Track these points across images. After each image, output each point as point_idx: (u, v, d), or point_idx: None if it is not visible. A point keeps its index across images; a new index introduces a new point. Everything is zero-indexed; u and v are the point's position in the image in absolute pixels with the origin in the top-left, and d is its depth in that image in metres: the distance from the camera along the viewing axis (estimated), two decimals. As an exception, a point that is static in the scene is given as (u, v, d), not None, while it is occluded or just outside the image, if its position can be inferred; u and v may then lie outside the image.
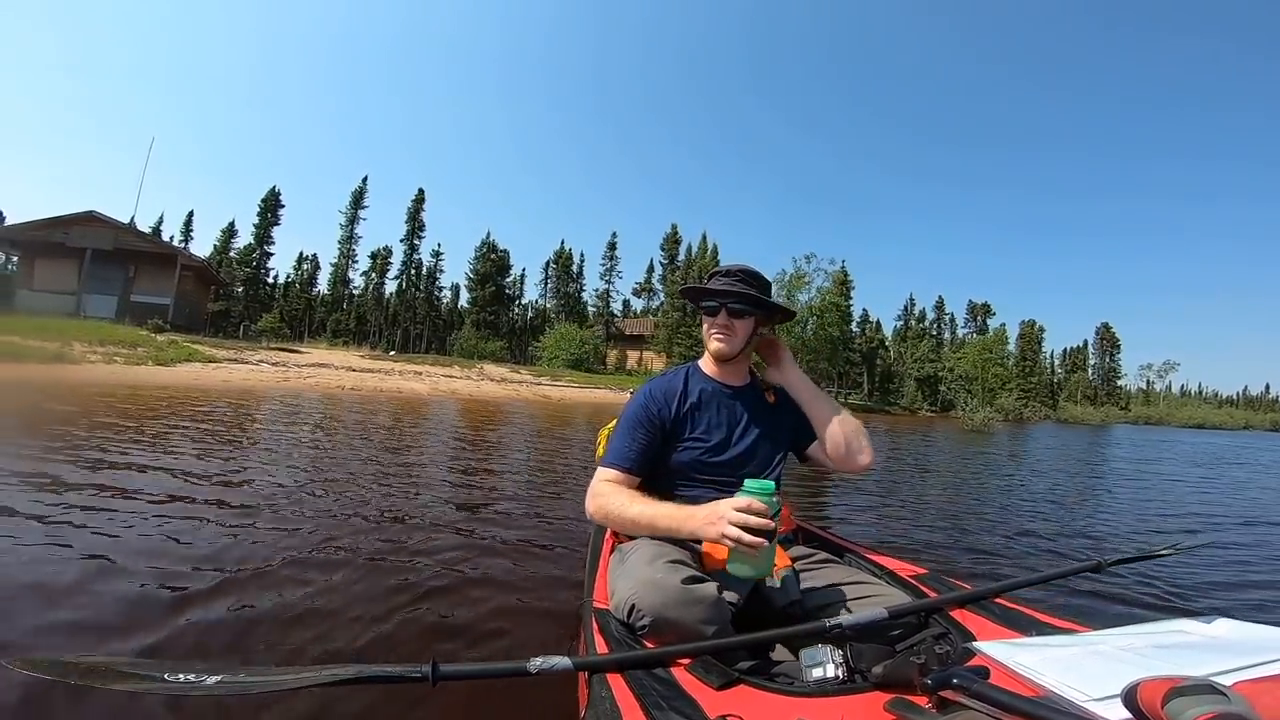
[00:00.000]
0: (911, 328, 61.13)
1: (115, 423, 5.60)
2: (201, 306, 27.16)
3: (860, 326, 54.77)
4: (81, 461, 3.72)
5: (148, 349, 13.82)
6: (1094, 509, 5.46)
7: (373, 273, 46.12)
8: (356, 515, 3.05)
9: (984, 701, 0.70)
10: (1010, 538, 3.93)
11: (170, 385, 10.76)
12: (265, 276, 42.92)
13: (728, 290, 1.39)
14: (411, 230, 44.86)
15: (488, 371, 23.61)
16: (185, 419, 6.45)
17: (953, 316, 64.69)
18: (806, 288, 36.26)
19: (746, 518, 1.04)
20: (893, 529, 3.97)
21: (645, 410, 1.37)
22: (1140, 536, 4.32)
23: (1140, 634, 0.91)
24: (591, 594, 1.23)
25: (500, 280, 44.58)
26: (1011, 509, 5.09)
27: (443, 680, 0.83)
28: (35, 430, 4.90)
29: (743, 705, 0.79)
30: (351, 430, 7.05)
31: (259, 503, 3.12)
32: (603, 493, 1.30)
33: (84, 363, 11.90)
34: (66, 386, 8.84)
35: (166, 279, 21.91)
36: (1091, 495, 6.44)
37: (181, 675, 0.81)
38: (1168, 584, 2.91)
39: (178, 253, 23.89)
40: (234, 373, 13.51)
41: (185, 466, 3.88)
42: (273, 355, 17.86)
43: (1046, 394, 60.47)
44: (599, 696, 0.82)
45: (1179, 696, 0.57)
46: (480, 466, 5.18)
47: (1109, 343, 73.11)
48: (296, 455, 4.81)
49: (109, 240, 20.81)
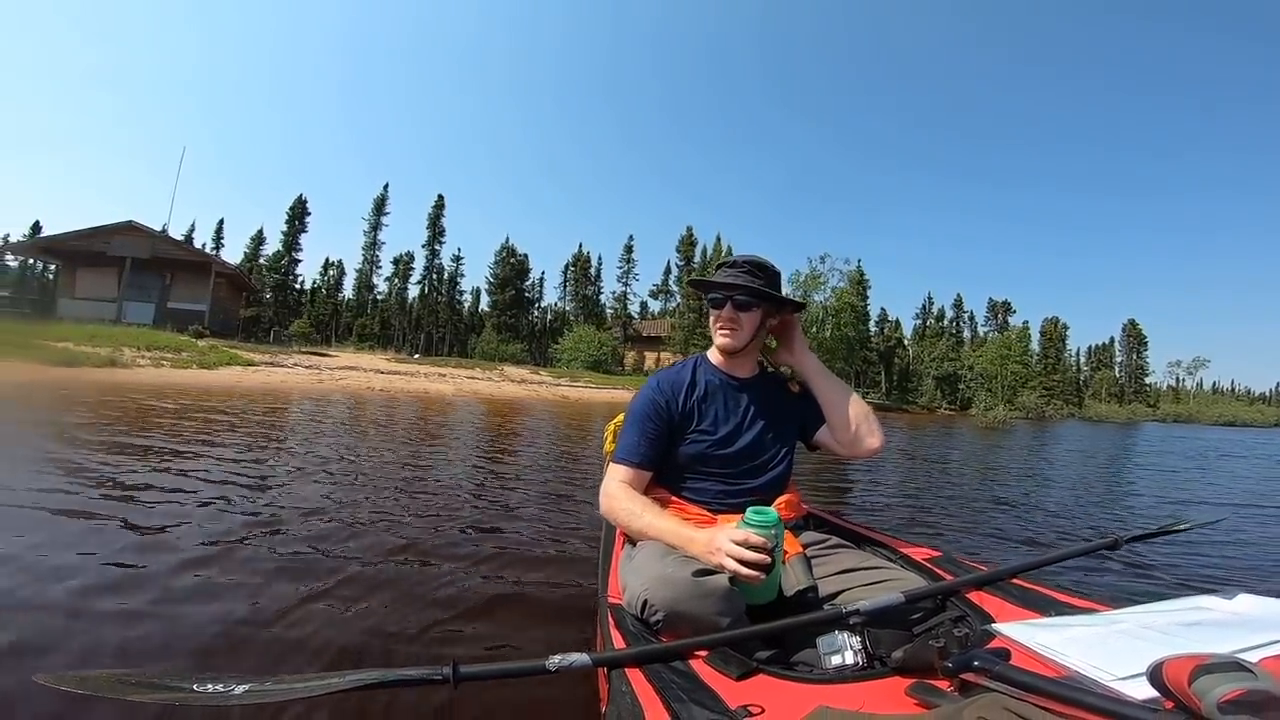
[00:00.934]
0: (930, 326, 60.13)
1: (207, 418, 6.51)
2: (234, 312, 27.84)
3: (879, 325, 54.04)
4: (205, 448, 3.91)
5: (191, 354, 14.30)
6: (1113, 493, 5.37)
7: (396, 278, 46.93)
8: (395, 506, 3.16)
9: (1007, 683, 0.69)
10: (1025, 520, 3.92)
11: (218, 387, 11.20)
12: (294, 283, 43.90)
13: (733, 283, 1.36)
14: (432, 236, 45.49)
15: (508, 373, 23.80)
16: (248, 416, 7.10)
17: (972, 315, 63.55)
18: (822, 288, 35.91)
19: (743, 552, 1.02)
20: (900, 513, 3.98)
21: (653, 404, 1.36)
22: (1158, 514, 4.30)
23: (1162, 612, 0.89)
24: (606, 589, 1.22)
25: (520, 284, 44.97)
26: (1031, 496, 5.03)
27: (463, 681, 0.83)
28: (153, 424, 5.60)
29: (763, 695, 0.78)
30: (386, 427, 7.34)
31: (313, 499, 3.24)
32: (614, 494, 1.29)
33: (134, 367, 12.35)
34: (141, 388, 9.38)
35: (202, 286, 22.51)
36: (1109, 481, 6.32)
37: (210, 686, 0.81)
38: (1187, 561, 2.84)
39: (212, 260, 24.52)
40: (272, 375, 13.91)
41: (235, 454, 4.19)
42: (305, 359, 18.26)
43: (1071, 392, 58.95)
44: (619, 691, 0.82)
45: (1206, 674, 0.57)
46: (499, 462, 5.25)
47: (1136, 340, 70.94)
48: (337, 450, 4.98)
49: (147, 249, 21.42)
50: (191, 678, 0.84)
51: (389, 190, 45.41)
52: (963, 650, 0.76)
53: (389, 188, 45.80)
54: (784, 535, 1.12)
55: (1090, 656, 0.74)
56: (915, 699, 0.75)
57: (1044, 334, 61.16)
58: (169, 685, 0.83)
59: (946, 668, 0.75)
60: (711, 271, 1.44)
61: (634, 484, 1.32)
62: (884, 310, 58.13)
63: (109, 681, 0.83)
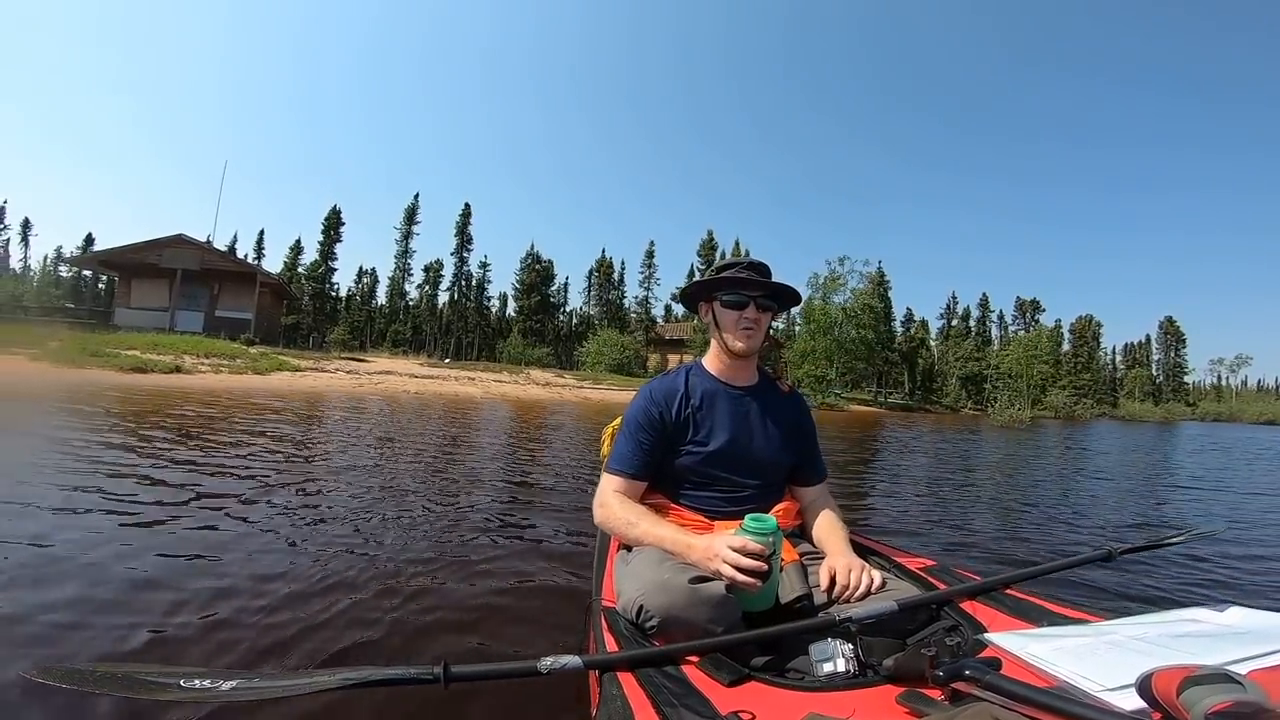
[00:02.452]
0: (954, 327, 58.67)
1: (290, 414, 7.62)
2: (276, 320, 28.85)
3: (905, 326, 53.00)
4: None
5: (244, 360, 15.03)
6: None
7: (426, 285, 47.97)
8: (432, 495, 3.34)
9: (997, 693, 0.68)
10: (1024, 526, 3.85)
11: (275, 389, 11.94)
12: (331, 290, 45.21)
13: (756, 281, 1.30)
14: (460, 244, 46.35)
15: (534, 376, 24.09)
16: (304, 414, 8.00)
17: (1001, 314, 61.68)
18: (841, 289, 35.51)
19: (741, 559, 1.01)
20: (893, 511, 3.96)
21: (646, 413, 1.31)
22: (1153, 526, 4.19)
23: (1153, 623, 0.87)
24: (600, 592, 1.21)
25: (545, 289, 45.46)
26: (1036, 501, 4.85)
27: (454, 681, 0.81)
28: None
29: (754, 701, 0.77)
30: (418, 425, 7.85)
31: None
32: (608, 504, 1.27)
33: (196, 373, 13.03)
34: (214, 392, 10.15)
35: (247, 295, 23.36)
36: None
37: (198, 681, 0.79)
38: (1181, 572, 2.81)
39: (256, 271, 25.47)
40: (318, 379, 14.61)
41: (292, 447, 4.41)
42: (346, 364, 18.91)
43: (1105, 391, 56.77)
44: (610, 694, 0.81)
45: (1194, 685, 0.56)
46: (521, 459, 5.35)
47: (1173, 337, 67.98)
48: (374, 446, 5.23)
49: (196, 261, 22.39)
50: (179, 673, 0.82)
51: (419, 200, 46.38)
52: (954, 659, 0.75)
53: (419, 197, 46.59)
54: (782, 543, 1.11)
55: (1080, 667, 0.72)
56: (906, 707, 0.74)
57: (1075, 331, 59.08)
58: (154, 681, 0.81)
59: (937, 676, 0.74)
60: (716, 273, 1.37)
61: (628, 493, 1.29)
62: (910, 311, 57.13)
63: (93, 676, 0.81)
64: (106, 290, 36.15)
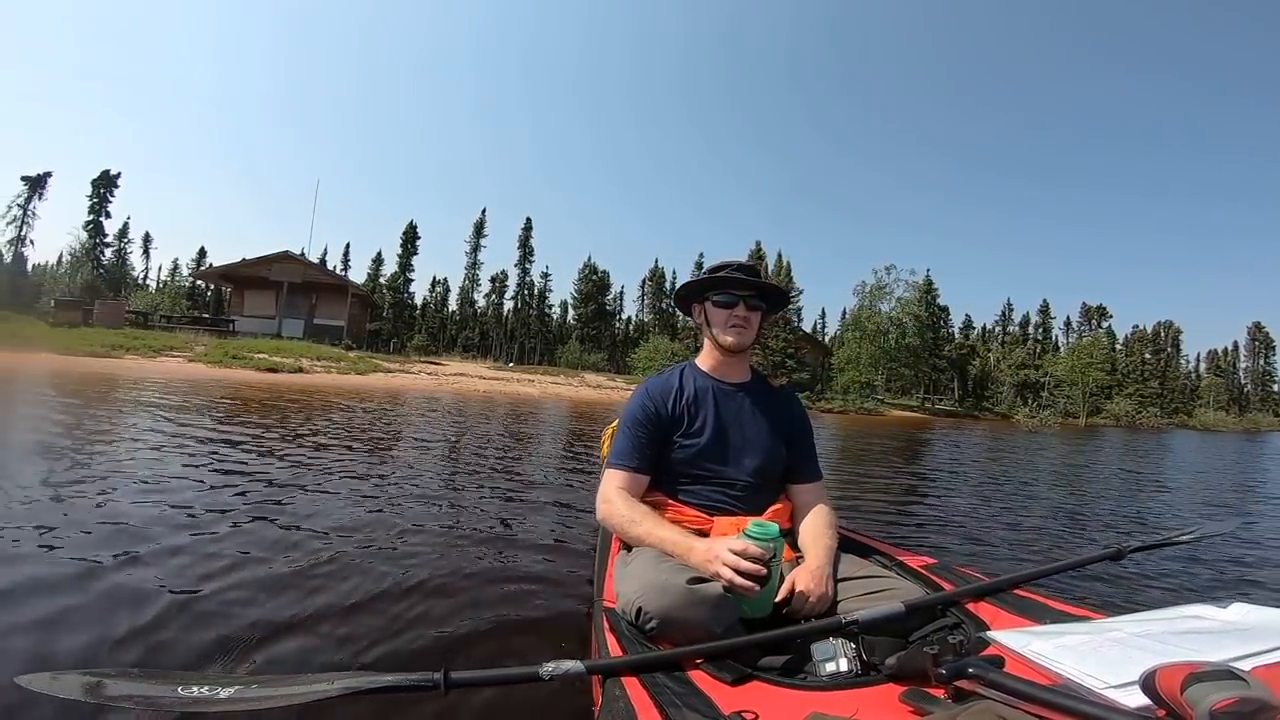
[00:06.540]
0: (1010, 334, 54.84)
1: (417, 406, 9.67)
2: (363, 327, 30.84)
3: (963, 332, 50.15)
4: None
5: (346, 363, 16.61)
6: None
7: (493, 294, 49.90)
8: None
9: (1000, 691, 0.66)
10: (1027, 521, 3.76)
11: (377, 387, 13.44)
12: (409, 300, 47.86)
13: (746, 281, 1.31)
14: (523, 255, 47.84)
15: (587, 379, 24.66)
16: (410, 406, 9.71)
17: (1069, 320, 56.97)
18: (887, 297, 34.22)
19: (740, 562, 0.99)
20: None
21: (643, 409, 1.31)
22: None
23: (1156, 620, 0.82)
24: (601, 594, 1.17)
25: (601, 299, 46.21)
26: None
27: (454, 688, 0.79)
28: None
29: (757, 701, 0.75)
30: (485, 418, 9.05)
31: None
32: (612, 500, 1.24)
33: (313, 373, 14.57)
34: (343, 390, 11.67)
35: (340, 305, 25.13)
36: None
37: (195, 689, 0.75)
38: (1189, 570, 2.65)
39: (348, 284, 27.38)
40: (405, 380, 16.01)
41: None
42: (426, 367, 20.31)
43: (1182, 399, 51.28)
44: (613, 697, 0.78)
45: (1198, 682, 0.53)
46: (565, 453, 5.69)
47: (1261, 343, 60.63)
48: (447, 435, 6.02)
49: (299, 274, 24.33)
50: (176, 679, 0.79)
51: (486, 214, 48.20)
52: (957, 658, 0.72)
53: (486, 212, 48.41)
54: (784, 549, 1.08)
55: (1084, 664, 0.69)
56: (909, 706, 0.72)
57: (1139, 339, 53.87)
58: (149, 690, 0.77)
59: (940, 675, 0.72)
60: (704, 274, 1.38)
61: (630, 488, 1.27)
62: (968, 317, 54.04)
63: (84, 684, 0.76)
64: (214, 299, 39.30)
